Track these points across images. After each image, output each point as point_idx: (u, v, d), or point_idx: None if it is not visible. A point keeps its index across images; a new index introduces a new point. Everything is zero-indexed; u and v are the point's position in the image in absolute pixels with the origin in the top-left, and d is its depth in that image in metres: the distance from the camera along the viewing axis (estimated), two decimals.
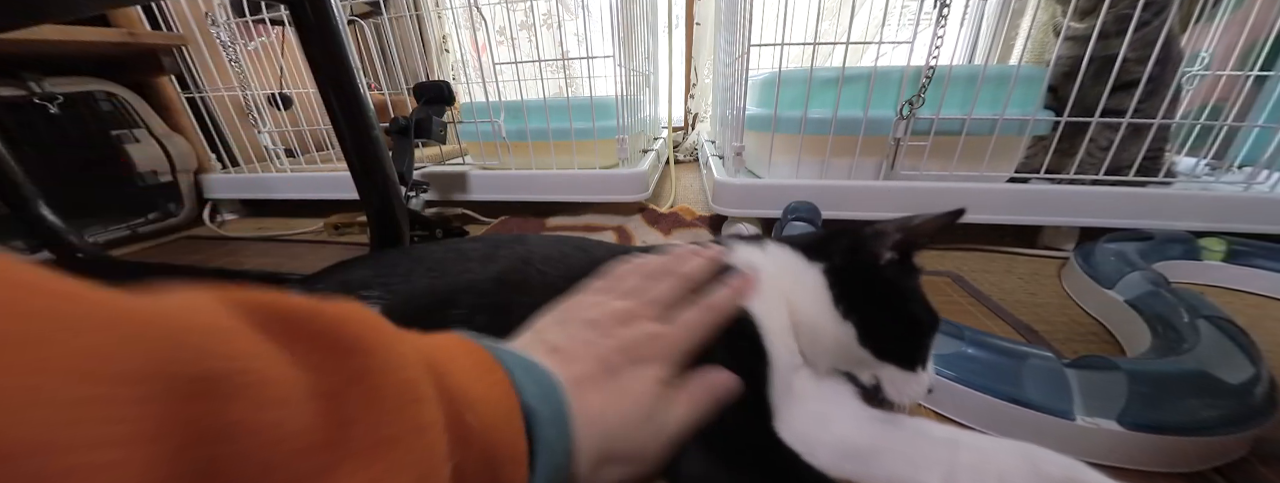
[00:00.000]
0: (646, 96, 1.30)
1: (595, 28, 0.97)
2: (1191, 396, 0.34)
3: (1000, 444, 0.29)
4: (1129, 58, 0.68)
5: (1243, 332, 0.39)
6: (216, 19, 0.99)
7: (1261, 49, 0.79)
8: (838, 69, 0.73)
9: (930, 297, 0.33)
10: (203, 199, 1.10)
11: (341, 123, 0.56)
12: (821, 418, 0.30)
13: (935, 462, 0.28)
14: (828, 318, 0.31)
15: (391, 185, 0.62)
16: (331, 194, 1.04)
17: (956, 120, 0.71)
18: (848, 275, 0.32)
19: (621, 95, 0.91)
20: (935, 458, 0.28)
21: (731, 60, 0.97)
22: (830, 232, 0.36)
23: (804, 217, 0.70)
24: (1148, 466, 0.34)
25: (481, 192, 0.99)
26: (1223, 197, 0.69)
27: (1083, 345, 0.50)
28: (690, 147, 1.70)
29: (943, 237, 0.81)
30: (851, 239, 0.34)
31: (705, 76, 1.65)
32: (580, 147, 0.95)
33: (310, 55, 0.54)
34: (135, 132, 0.98)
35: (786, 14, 0.75)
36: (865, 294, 0.32)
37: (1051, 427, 0.35)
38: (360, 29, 1.13)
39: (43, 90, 0.86)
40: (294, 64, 1.15)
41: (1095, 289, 0.57)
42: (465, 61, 1.48)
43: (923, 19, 0.68)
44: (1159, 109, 0.70)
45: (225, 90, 1.05)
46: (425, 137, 0.87)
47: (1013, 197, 0.74)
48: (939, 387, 0.39)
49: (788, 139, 0.79)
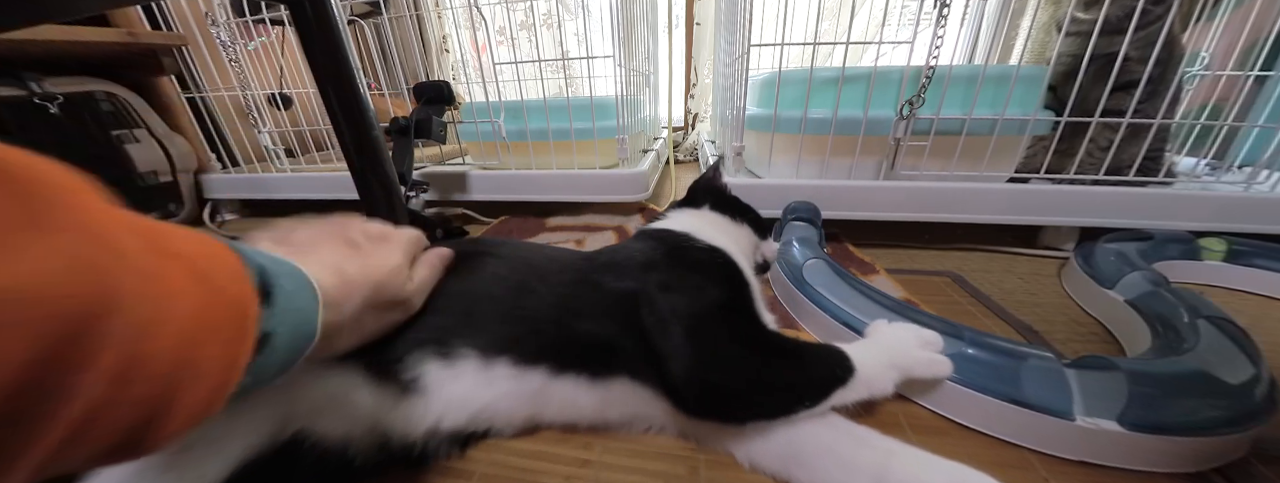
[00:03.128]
0: (646, 96, 1.30)
1: (595, 28, 0.97)
2: (1192, 396, 0.34)
3: (938, 463, 0.31)
4: (1130, 56, 0.68)
5: (1243, 332, 0.39)
6: (216, 19, 0.99)
7: (1261, 49, 0.79)
8: (838, 69, 0.73)
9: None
10: (203, 199, 1.10)
11: (341, 123, 0.57)
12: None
13: (867, 465, 0.31)
14: (737, 228, 0.57)
15: (391, 185, 0.62)
16: (331, 194, 1.04)
17: (956, 120, 0.71)
18: (724, 204, 0.59)
19: (621, 95, 0.91)
20: (867, 461, 0.31)
21: (731, 60, 0.97)
22: (692, 190, 0.62)
23: (804, 216, 0.70)
24: (1148, 466, 0.34)
25: (481, 192, 0.99)
26: (1223, 197, 0.69)
27: (1083, 345, 0.50)
28: (690, 147, 1.70)
29: (942, 237, 0.81)
30: (708, 185, 0.63)
31: (705, 76, 1.65)
32: (580, 147, 0.95)
33: (310, 55, 0.54)
34: (135, 132, 0.98)
35: (786, 14, 0.75)
36: (734, 207, 0.59)
37: (1051, 427, 0.35)
38: (360, 29, 1.13)
39: (43, 90, 0.86)
40: (294, 64, 1.15)
41: (1095, 289, 0.57)
42: (465, 61, 1.48)
43: (923, 19, 0.68)
44: (1159, 110, 0.70)
45: (225, 90, 1.05)
46: (425, 136, 0.87)
47: (1013, 197, 0.74)
48: (939, 387, 0.39)
49: (788, 139, 0.79)
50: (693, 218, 0.56)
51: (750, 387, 0.33)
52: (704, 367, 0.33)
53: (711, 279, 0.41)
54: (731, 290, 0.41)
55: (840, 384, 0.34)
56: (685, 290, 0.37)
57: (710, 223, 0.55)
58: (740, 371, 0.33)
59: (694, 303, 0.36)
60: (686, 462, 0.36)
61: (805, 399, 0.33)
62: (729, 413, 0.34)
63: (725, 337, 0.35)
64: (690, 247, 0.47)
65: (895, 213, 0.76)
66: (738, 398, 0.33)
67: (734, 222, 0.56)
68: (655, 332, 0.34)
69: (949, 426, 0.39)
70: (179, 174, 1.04)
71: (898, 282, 0.65)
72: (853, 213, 0.77)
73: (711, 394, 0.33)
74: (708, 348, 0.33)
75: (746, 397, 0.33)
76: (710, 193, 0.59)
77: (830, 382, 0.34)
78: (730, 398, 0.33)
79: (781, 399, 0.33)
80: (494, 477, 0.35)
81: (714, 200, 0.58)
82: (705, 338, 0.34)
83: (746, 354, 0.34)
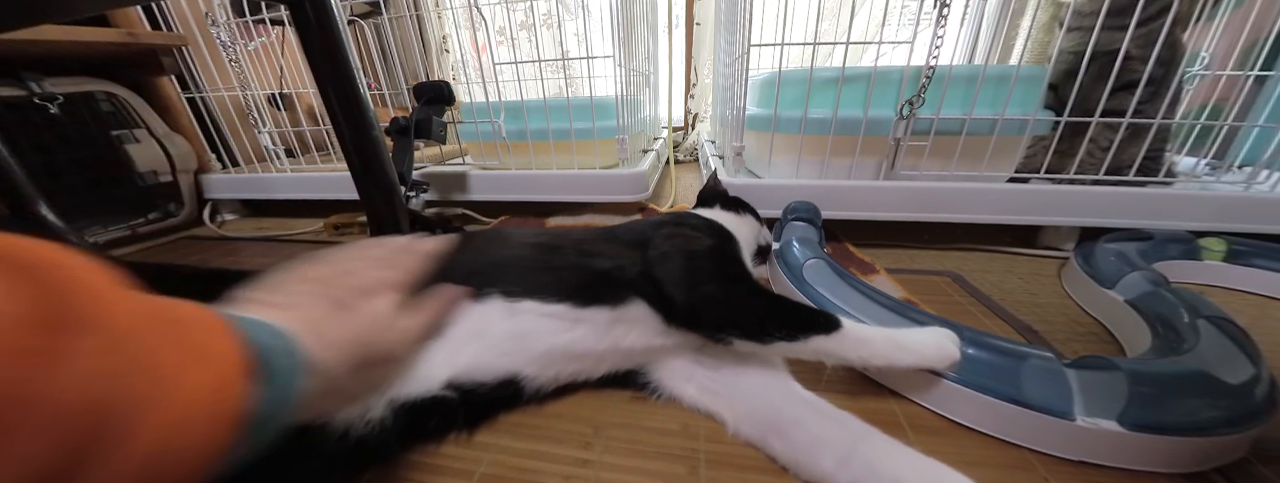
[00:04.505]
0: (646, 96, 1.30)
1: (595, 28, 0.97)
2: (1192, 396, 0.34)
3: (913, 458, 0.32)
4: (1131, 55, 0.68)
5: (1243, 332, 0.39)
6: (216, 19, 0.99)
7: (1261, 49, 0.79)
8: (838, 69, 0.73)
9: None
10: (203, 199, 1.10)
11: (341, 123, 0.56)
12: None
13: (836, 443, 0.33)
14: (741, 220, 0.61)
15: (391, 185, 0.62)
16: (331, 194, 1.04)
17: (956, 120, 0.71)
18: (725, 202, 0.65)
19: (621, 95, 0.91)
20: (837, 440, 0.33)
21: (731, 60, 0.97)
22: (702, 196, 0.69)
23: (804, 216, 0.70)
24: (1148, 466, 0.34)
25: (481, 192, 0.99)
26: (1223, 197, 0.69)
27: (1083, 345, 0.50)
28: (690, 147, 1.70)
29: (942, 237, 0.81)
30: (714, 191, 0.68)
31: (705, 76, 1.65)
32: (580, 147, 0.95)
33: (310, 55, 0.54)
34: (135, 132, 0.98)
35: (786, 14, 0.75)
36: (736, 206, 0.64)
37: (1051, 427, 0.35)
38: (360, 29, 1.13)
39: (43, 90, 0.86)
40: (294, 64, 1.15)
41: (1095, 289, 0.57)
42: (465, 61, 1.48)
43: (923, 19, 0.68)
44: (1160, 110, 0.70)
45: (225, 90, 1.05)
46: (425, 137, 0.87)
47: (1013, 197, 0.74)
48: (941, 387, 0.39)
49: (788, 139, 0.79)
50: (706, 212, 0.63)
51: (732, 301, 0.38)
52: (694, 281, 0.39)
53: (708, 234, 0.49)
54: (724, 244, 0.49)
55: (820, 329, 0.36)
56: (685, 238, 0.45)
57: (719, 216, 0.61)
58: (725, 288, 0.39)
59: (691, 245, 0.44)
60: (686, 462, 0.36)
61: (781, 327, 0.36)
62: (710, 323, 0.38)
63: (715, 267, 0.42)
64: (694, 216, 0.57)
65: (895, 213, 0.76)
66: (720, 307, 0.38)
67: (738, 215, 0.63)
68: (656, 263, 0.41)
69: (949, 425, 0.39)
70: (179, 174, 1.04)
71: (898, 282, 0.65)
72: (853, 213, 0.77)
73: (699, 304, 0.38)
74: (698, 271, 0.40)
75: (727, 307, 0.38)
76: (717, 196, 0.66)
77: (808, 324, 0.37)
78: (714, 305, 0.38)
79: (759, 321, 0.37)
80: (494, 477, 0.35)
81: (723, 202, 0.65)
82: (697, 265, 0.41)
83: (732, 281, 0.40)
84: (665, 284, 0.39)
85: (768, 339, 0.36)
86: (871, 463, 0.31)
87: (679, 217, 0.54)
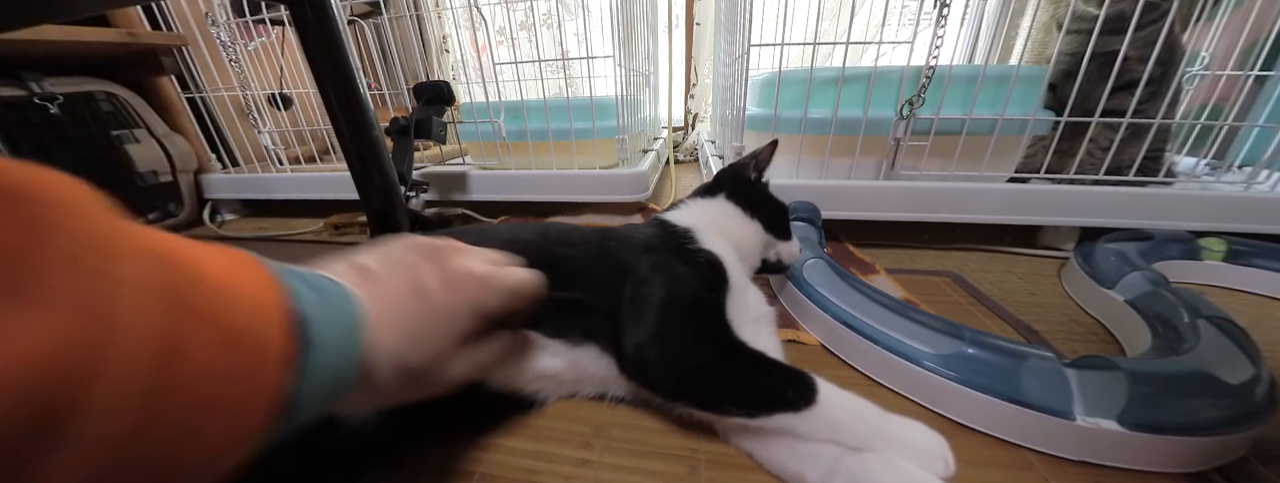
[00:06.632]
0: (646, 96, 1.30)
1: (595, 28, 0.97)
2: (1192, 396, 0.34)
3: (896, 466, 0.31)
4: (1130, 56, 0.68)
5: (1243, 332, 0.39)
6: (216, 19, 0.99)
7: (1261, 49, 0.79)
8: (838, 69, 0.73)
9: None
10: (203, 199, 1.10)
11: (341, 123, 0.57)
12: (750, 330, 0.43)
13: (821, 457, 0.32)
14: (745, 223, 0.52)
15: (391, 185, 0.62)
16: (331, 194, 1.04)
17: (956, 120, 0.71)
18: (740, 194, 0.54)
19: (621, 95, 0.91)
20: (822, 454, 0.32)
21: (731, 60, 0.97)
22: (717, 176, 0.57)
23: (804, 216, 0.70)
24: (1148, 466, 0.34)
25: (481, 192, 0.99)
26: (1223, 197, 0.69)
27: (1083, 345, 0.50)
28: (690, 147, 1.70)
29: (942, 237, 0.81)
30: (732, 173, 0.56)
31: (705, 76, 1.64)
32: (580, 147, 0.95)
33: (310, 55, 0.54)
34: (135, 132, 0.98)
35: (786, 14, 0.75)
36: (753, 200, 0.53)
37: (1052, 427, 0.35)
38: (360, 29, 1.13)
39: (43, 90, 0.86)
40: (294, 64, 1.15)
41: (1095, 289, 0.57)
42: (465, 61, 1.48)
43: (923, 19, 0.68)
44: (1159, 110, 0.70)
45: (225, 90, 1.05)
46: (425, 137, 0.87)
47: (1013, 197, 0.74)
48: (940, 387, 0.39)
49: (788, 139, 0.79)
50: (703, 210, 0.53)
51: (691, 369, 0.35)
52: (654, 336, 0.35)
53: (692, 272, 0.42)
54: (707, 289, 0.41)
55: (787, 407, 0.32)
56: (663, 279, 0.40)
57: (719, 215, 0.52)
58: (688, 352, 0.35)
59: (665, 289, 0.38)
60: (686, 462, 0.36)
61: (739, 403, 0.33)
62: (665, 388, 0.36)
63: (685, 322, 0.37)
64: (689, 239, 0.47)
65: (895, 213, 0.76)
66: (675, 372, 0.35)
67: (746, 216, 0.52)
68: (625, 305, 0.38)
69: (949, 426, 0.39)
70: (179, 174, 1.04)
71: (898, 282, 0.65)
72: (853, 213, 0.77)
73: (651, 365, 0.35)
74: (664, 326, 0.36)
75: (685, 375, 0.35)
76: (732, 181, 0.55)
77: (773, 400, 0.33)
78: (668, 370, 0.35)
79: (713, 394, 0.34)
80: (494, 477, 0.35)
81: (732, 189, 0.54)
82: (666, 319, 0.36)
83: (696, 343, 0.36)
84: (624, 333, 0.36)
85: (725, 414, 0.34)
86: (855, 477, 0.30)
87: (671, 240, 0.46)
